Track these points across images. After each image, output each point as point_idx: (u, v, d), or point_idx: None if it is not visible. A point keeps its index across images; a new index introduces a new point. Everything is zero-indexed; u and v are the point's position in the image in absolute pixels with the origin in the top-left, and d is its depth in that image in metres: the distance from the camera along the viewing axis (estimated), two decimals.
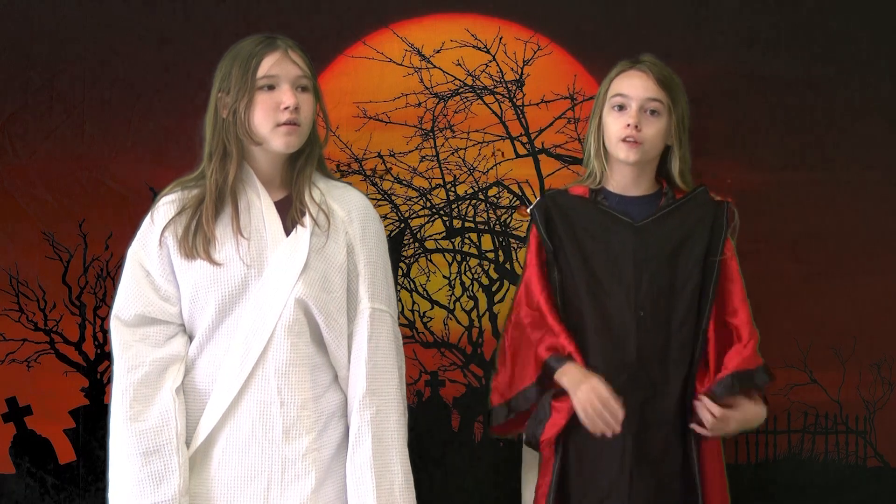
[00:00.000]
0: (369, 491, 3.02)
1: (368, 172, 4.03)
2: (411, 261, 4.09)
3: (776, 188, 4.02)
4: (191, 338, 3.08)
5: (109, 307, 3.95)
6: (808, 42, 4.01)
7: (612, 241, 3.15)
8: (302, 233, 3.04)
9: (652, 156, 3.19)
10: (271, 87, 3.02)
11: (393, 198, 4.07)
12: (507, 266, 4.09)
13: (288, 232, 3.06)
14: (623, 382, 3.08)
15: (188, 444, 3.03)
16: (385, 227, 3.22)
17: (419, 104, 4.04)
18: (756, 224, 4.02)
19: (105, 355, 3.97)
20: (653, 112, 3.15)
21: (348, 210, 3.11)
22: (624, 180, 3.21)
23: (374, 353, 3.07)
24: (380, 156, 4.05)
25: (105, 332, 3.96)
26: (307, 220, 3.05)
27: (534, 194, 4.04)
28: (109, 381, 3.96)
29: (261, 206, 3.06)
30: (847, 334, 4.01)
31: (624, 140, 3.13)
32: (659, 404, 3.12)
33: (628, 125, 3.12)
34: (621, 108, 3.16)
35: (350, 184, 3.20)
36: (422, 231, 4.07)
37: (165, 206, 3.08)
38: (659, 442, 3.11)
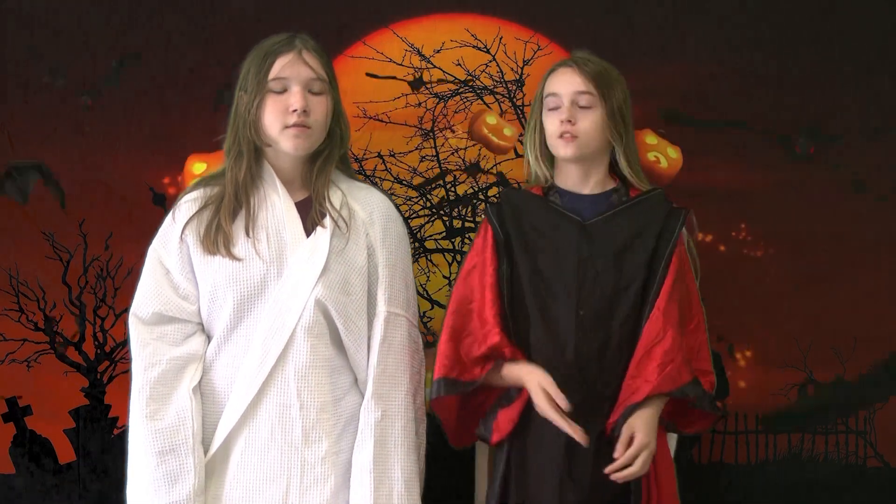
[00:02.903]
0: (367, 495, 3.01)
1: (368, 172, 4.03)
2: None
3: (776, 188, 4.01)
4: (209, 338, 3.07)
5: (109, 307, 3.97)
6: (808, 42, 4.01)
7: (557, 238, 3.15)
8: (322, 234, 3.04)
9: (591, 150, 3.21)
10: (282, 90, 3.02)
11: (393, 198, 4.07)
12: None
13: (308, 233, 3.05)
14: (560, 380, 3.08)
15: (206, 445, 3.02)
16: None
17: (419, 104, 4.04)
18: (756, 224, 4.02)
19: (105, 355, 3.97)
20: (584, 106, 3.15)
21: (370, 211, 3.10)
22: (571, 178, 3.23)
23: (385, 357, 3.06)
24: (380, 156, 4.05)
25: (105, 332, 3.96)
26: (327, 221, 3.04)
27: None
28: (110, 380, 3.98)
29: (281, 206, 3.06)
30: (847, 334, 4.00)
31: (560, 136, 3.16)
32: (595, 403, 3.12)
33: (562, 121, 3.14)
34: (555, 107, 3.18)
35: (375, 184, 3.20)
36: (422, 231, 4.07)
37: (187, 204, 3.09)
38: (593, 440, 3.09)
